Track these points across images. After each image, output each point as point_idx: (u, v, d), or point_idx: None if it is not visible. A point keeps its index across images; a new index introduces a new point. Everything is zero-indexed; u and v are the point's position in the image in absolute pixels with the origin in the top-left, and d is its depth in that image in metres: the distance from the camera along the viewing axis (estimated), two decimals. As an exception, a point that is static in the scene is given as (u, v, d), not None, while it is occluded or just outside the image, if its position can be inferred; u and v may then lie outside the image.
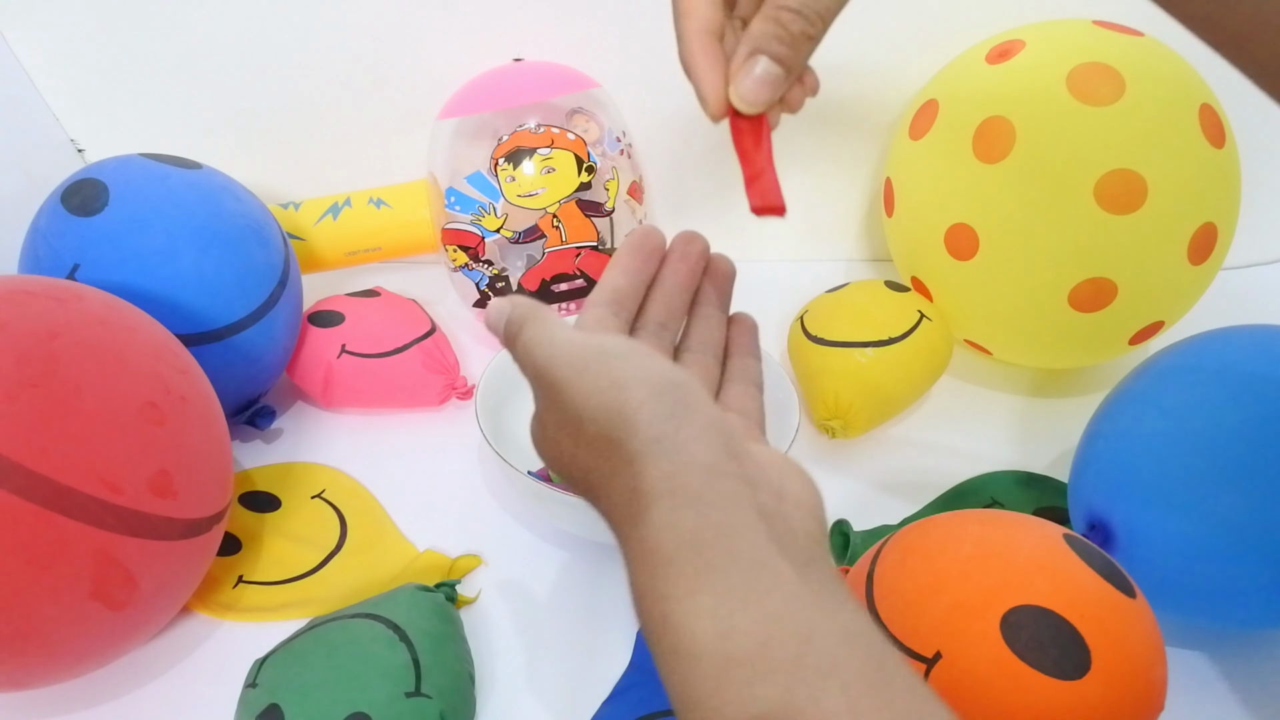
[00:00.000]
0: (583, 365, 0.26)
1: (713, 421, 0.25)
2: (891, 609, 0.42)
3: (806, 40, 0.31)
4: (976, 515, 0.45)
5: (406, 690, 0.44)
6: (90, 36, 0.76)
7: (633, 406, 0.24)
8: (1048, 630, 0.38)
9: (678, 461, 0.24)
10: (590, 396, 0.25)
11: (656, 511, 0.23)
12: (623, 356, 0.26)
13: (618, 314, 0.32)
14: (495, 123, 0.71)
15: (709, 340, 0.34)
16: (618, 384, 0.25)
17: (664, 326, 0.33)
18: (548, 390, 0.27)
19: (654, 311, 0.34)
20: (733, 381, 0.34)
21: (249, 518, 0.61)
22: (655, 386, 0.25)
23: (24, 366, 0.41)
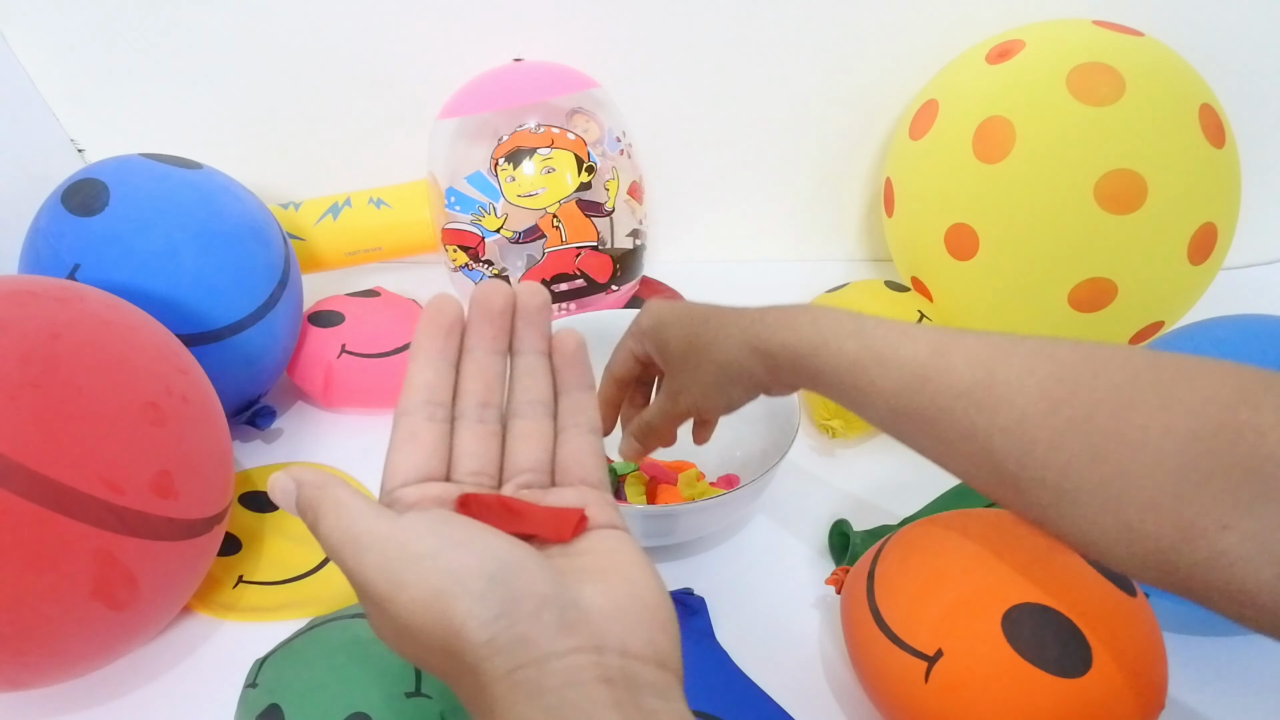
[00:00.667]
0: (397, 577, 0.25)
1: (541, 602, 0.24)
2: (893, 607, 0.42)
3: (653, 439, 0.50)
4: (978, 514, 0.45)
5: (406, 690, 0.44)
6: (90, 36, 0.76)
7: (460, 618, 0.24)
8: (1049, 628, 0.38)
9: (514, 659, 0.23)
10: (415, 613, 0.24)
11: (500, 708, 0.23)
12: (433, 556, 0.25)
13: (432, 415, 0.31)
14: (495, 123, 0.71)
15: (536, 395, 0.32)
16: (437, 593, 0.24)
17: (485, 405, 0.31)
18: (366, 600, 0.26)
19: (470, 389, 0.31)
20: (565, 432, 0.32)
21: (249, 518, 0.61)
22: (475, 587, 0.24)
23: (25, 367, 0.41)
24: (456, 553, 0.25)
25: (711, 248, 0.92)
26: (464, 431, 0.31)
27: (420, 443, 0.30)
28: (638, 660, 0.25)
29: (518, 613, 0.24)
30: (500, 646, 0.24)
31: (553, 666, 0.23)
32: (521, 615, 0.24)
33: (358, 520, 0.26)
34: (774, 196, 0.89)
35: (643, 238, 0.78)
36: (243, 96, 0.81)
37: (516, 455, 0.31)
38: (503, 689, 0.23)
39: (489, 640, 0.24)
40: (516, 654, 0.23)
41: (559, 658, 0.24)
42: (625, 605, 0.26)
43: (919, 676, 0.39)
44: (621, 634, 0.25)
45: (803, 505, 0.62)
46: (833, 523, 0.59)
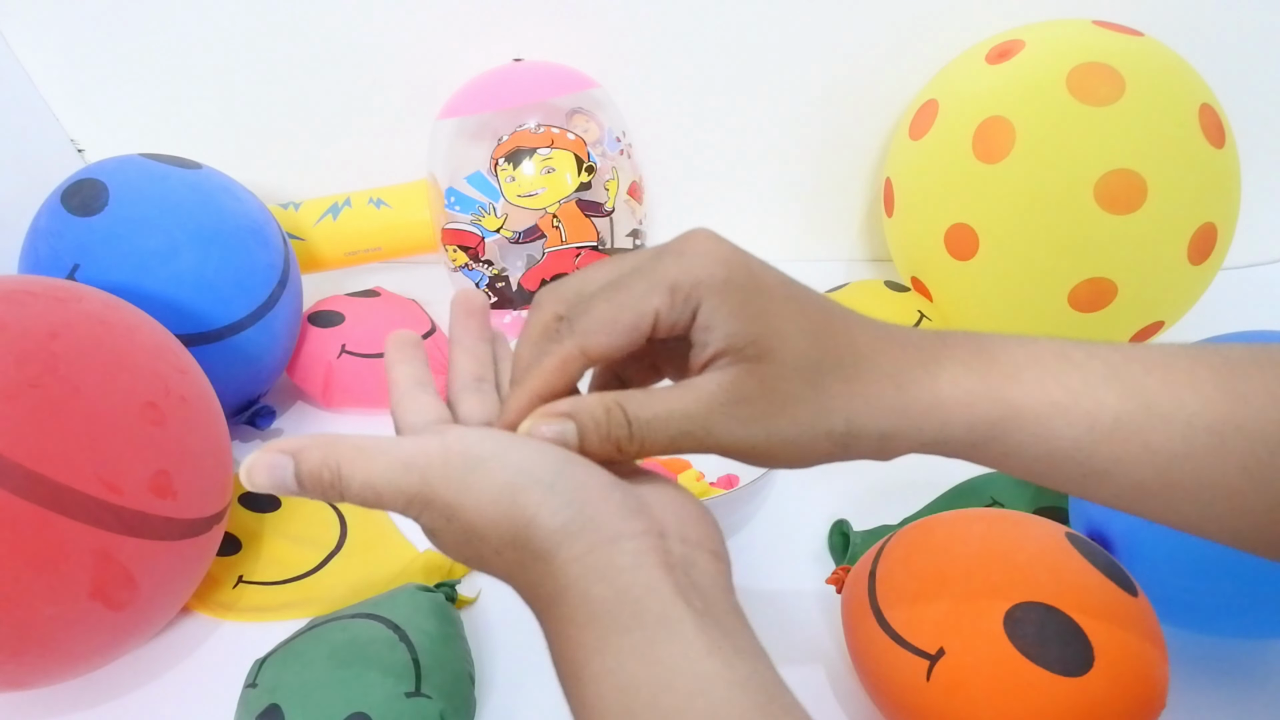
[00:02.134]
0: (461, 481, 0.25)
1: (607, 488, 0.25)
2: (894, 606, 0.42)
3: (616, 450, 0.28)
4: (979, 514, 0.45)
5: (406, 690, 0.44)
6: (90, 36, 0.76)
7: (532, 508, 0.24)
8: (1051, 627, 0.38)
9: (585, 541, 0.24)
10: (483, 512, 0.25)
11: (573, 590, 0.24)
12: (497, 456, 0.25)
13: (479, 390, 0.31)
14: (495, 123, 0.71)
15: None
16: (506, 488, 0.25)
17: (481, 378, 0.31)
18: (428, 511, 0.26)
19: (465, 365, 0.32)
20: None
21: (249, 518, 0.61)
22: (544, 478, 0.25)
23: (24, 366, 0.41)
24: (519, 451, 0.26)
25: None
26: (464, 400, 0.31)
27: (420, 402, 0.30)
28: (696, 547, 0.26)
29: (586, 498, 0.25)
30: (573, 531, 0.24)
31: (623, 547, 0.24)
32: (590, 500, 0.25)
33: (388, 450, 0.25)
34: (774, 196, 0.89)
35: (643, 238, 0.78)
36: (243, 96, 0.81)
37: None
38: (576, 571, 0.24)
39: (562, 525, 0.24)
40: (588, 536, 0.24)
41: (629, 539, 0.24)
42: (678, 501, 0.27)
43: (920, 675, 0.39)
44: (679, 524, 0.26)
45: (803, 505, 0.62)
46: (833, 523, 0.59)
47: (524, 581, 0.26)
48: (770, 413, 0.27)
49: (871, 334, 0.29)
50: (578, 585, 0.24)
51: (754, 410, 0.27)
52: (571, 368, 0.28)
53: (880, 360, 0.28)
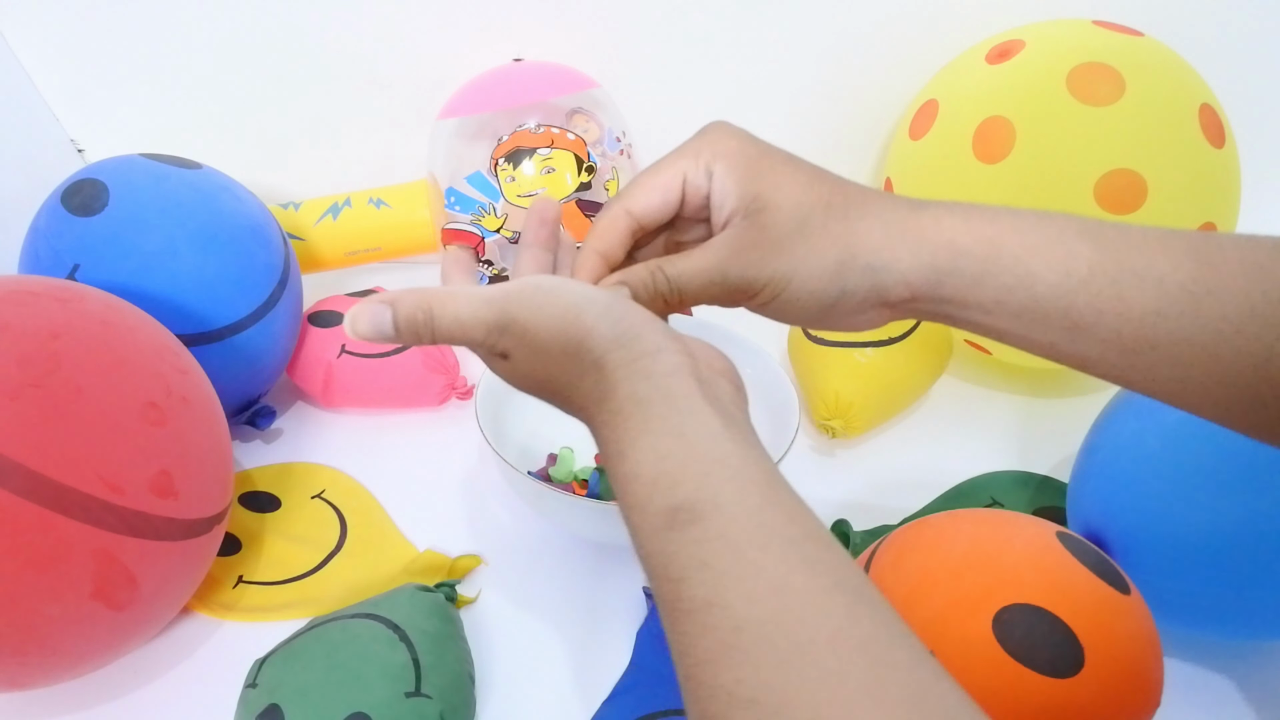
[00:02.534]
0: (536, 304, 0.31)
1: (650, 318, 0.31)
2: None
3: (662, 303, 0.35)
4: (970, 515, 0.45)
5: (406, 690, 0.44)
6: (90, 36, 0.76)
7: (589, 322, 0.30)
8: (1040, 628, 0.37)
9: (632, 350, 0.30)
10: (550, 328, 0.30)
11: (621, 388, 0.30)
12: (564, 286, 0.31)
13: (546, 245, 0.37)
14: (495, 123, 0.71)
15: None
16: (569, 307, 0.30)
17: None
18: (506, 335, 0.31)
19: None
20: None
21: (249, 518, 0.61)
22: (599, 304, 0.31)
23: (26, 367, 0.41)
24: (579, 285, 0.32)
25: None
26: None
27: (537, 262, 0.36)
28: (720, 375, 0.32)
29: (633, 319, 0.31)
30: (623, 341, 0.30)
31: (661, 358, 0.30)
32: (636, 321, 0.31)
33: (479, 291, 0.31)
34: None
35: (643, 238, 0.78)
36: (243, 96, 0.81)
37: None
38: (624, 373, 0.29)
39: (614, 336, 0.30)
40: (634, 346, 0.30)
41: (667, 352, 0.30)
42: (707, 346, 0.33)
43: None
44: (707, 357, 0.32)
45: (803, 505, 0.62)
46: (832, 523, 0.59)
47: (579, 389, 0.31)
48: (771, 254, 0.33)
49: (860, 188, 0.34)
50: (625, 383, 0.29)
51: (757, 254, 0.33)
52: (619, 224, 0.35)
53: (868, 205, 0.33)
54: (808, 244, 0.32)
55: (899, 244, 0.32)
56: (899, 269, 0.32)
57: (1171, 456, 0.48)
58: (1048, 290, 0.31)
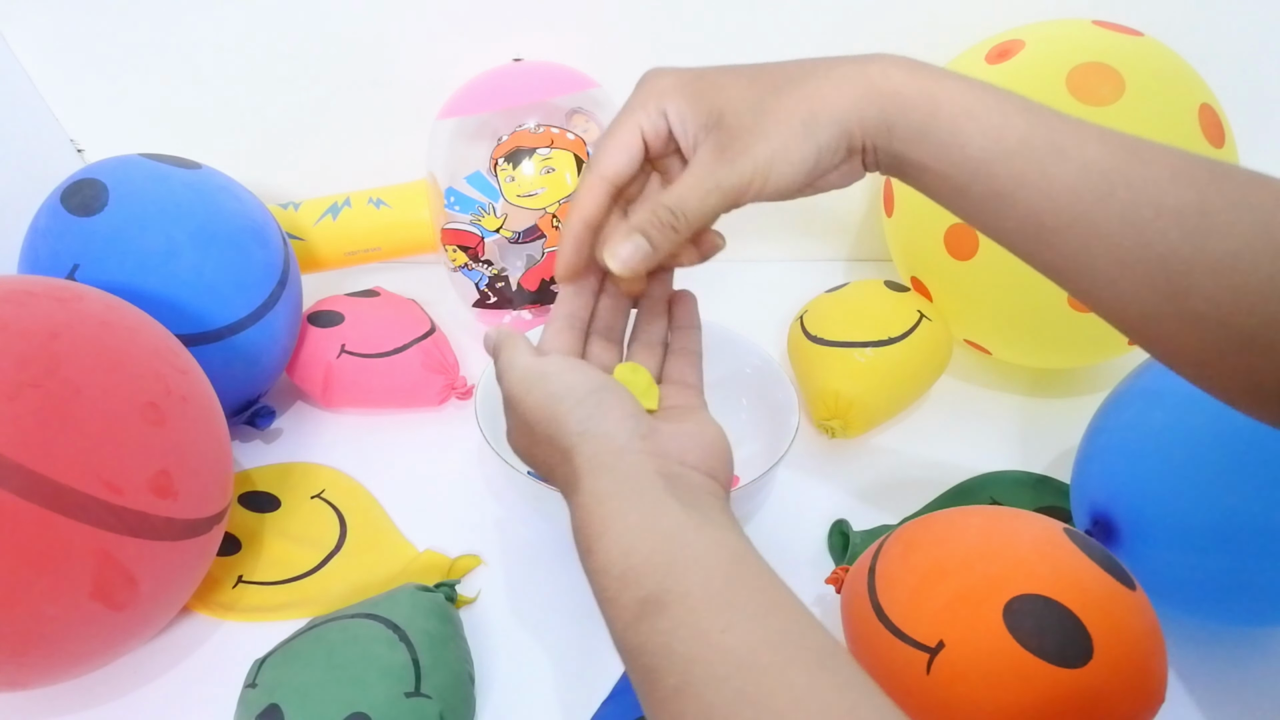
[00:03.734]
0: (528, 385, 0.35)
1: (625, 415, 0.33)
2: (894, 600, 0.42)
3: (673, 233, 0.36)
4: (978, 510, 0.45)
5: (406, 690, 0.44)
6: (90, 36, 0.76)
7: (564, 412, 0.33)
8: (1050, 618, 0.38)
9: (597, 446, 0.32)
10: (535, 409, 0.34)
11: (585, 481, 0.32)
12: (556, 375, 0.35)
13: (573, 326, 0.40)
14: (495, 123, 0.71)
15: (653, 334, 0.42)
16: (553, 397, 0.34)
17: (611, 329, 0.41)
18: (509, 404, 0.36)
19: (602, 320, 0.41)
20: (674, 354, 0.41)
21: (249, 518, 0.61)
22: (579, 395, 0.34)
23: (25, 367, 0.41)
24: (571, 375, 0.35)
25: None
26: (593, 343, 0.41)
27: (563, 338, 0.39)
28: (692, 469, 0.33)
29: (605, 417, 0.33)
30: (590, 436, 0.32)
31: (626, 456, 0.32)
32: (608, 419, 0.33)
33: (520, 355, 0.36)
34: (774, 196, 0.89)
35: (643, 238, 0.78)
36: (243, 96, 0.81)
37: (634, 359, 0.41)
38: (588, 467, 0.32)
39: (582, 432, 0.33)
40: (600, 443, 0.32)
41: (631, 451, 0.32)
42: (690, 436, 0.35)
43: (920, 668, 0.39)
44: (681, 452, 0.34)
45: (803, 505, 0.62)
46: (832, 523, 0.59)
47: (557, 472, 0.34)
48: (746, 145, 0.34)
49: (802, 62, 0.35)
50: (589, 477, 0.32)
51: (733, 151, 0.34)
52: (597, 191, 0.37)
53: (815, 71, 0.34)
54: (773, 122, 0.34)
55: (850, 94, 0.33)
56: (856, 116, 0.33)
57: (1176, 440, 0.48)
58: (976, 153, 0.32)
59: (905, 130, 0.33)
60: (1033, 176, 0.32)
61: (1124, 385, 0.54)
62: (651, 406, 0.38)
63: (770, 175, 0.34)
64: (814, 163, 0.34)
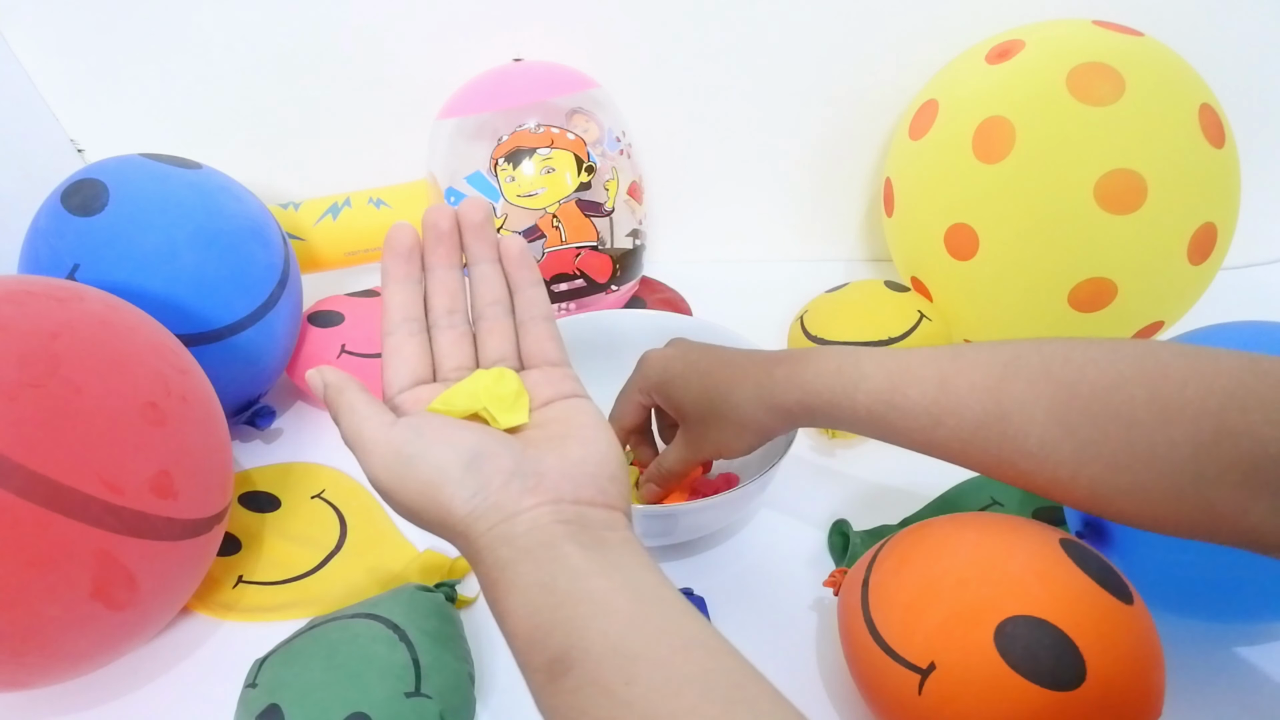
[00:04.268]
0: (398, 475, 0.32)
1: (508, 476, 0.32)
2: (886, 619, 0.41)
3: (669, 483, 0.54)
4: (973, 520, 0.45)
5: (406, 690, 0.44)
6: (90, 36, 0.76)
7: (445, 499, 0.31)
8: (1042, 641, 0.37)
9: (489, 519, 0.31)
10: (413, 499, 0.32)
11: (485, 555, 0.31)
12: (421, 455, 0.32)
13: (410, 330, 0.37)
14: (495, 123, 0.71)
15: (493, 296, 0.38)
16: (428, 485, 0.31)
17: (452, 312, 0.38)
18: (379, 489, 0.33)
19: (437, 302, 0.38)
20: (526, 327, 0.38)
21: (249, 518, 0.61)
22: (456, 475, 0.31)
23: (25, 367, 0.41)
24: (438, 450, 0.32)
25: (711, 248, 0.92)
26: (439, 337, 0.38)
27: (405, 355, 0.37)
28: (589, 505, 0.32)
29: (489, 488, 0.31)
30: (480, 514, 0.31)
31: (520, 519, 0.31)
32: (492, 490, 0.31)
33: (363, 424, 0.33)
34: (774, 196, 0.89)
35: (642, 238, 0.78)
36: (243, 96, 0.81)
37: (487, 349, 0.38)
38: (485, 541, 0.31)
39: (470, 511, 0.31)
40: (491, 516, 0.31)
41: (523, 513, 0.31)
42: (579, 464, 0.33)
43: (912, 689, 0.39)
44: (574, 488, 0.32)
45: (803, 505, 0.62)
46: (833, 523, 0.59)
47: (456, 543, 0.33)
48: (701, 443, 0.50)
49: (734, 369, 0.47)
50: (488, 550, 0.31)
51: (695, 445, 0.50)
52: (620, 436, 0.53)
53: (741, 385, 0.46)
54: (715, 430, 0.48)
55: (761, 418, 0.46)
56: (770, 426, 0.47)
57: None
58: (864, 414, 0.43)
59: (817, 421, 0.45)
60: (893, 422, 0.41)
61: None
62: (523, 420, 0.35)
63: (723, 455, 0.49)
64: (752, 446, 0.48)
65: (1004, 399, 0.37)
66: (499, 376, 0.36)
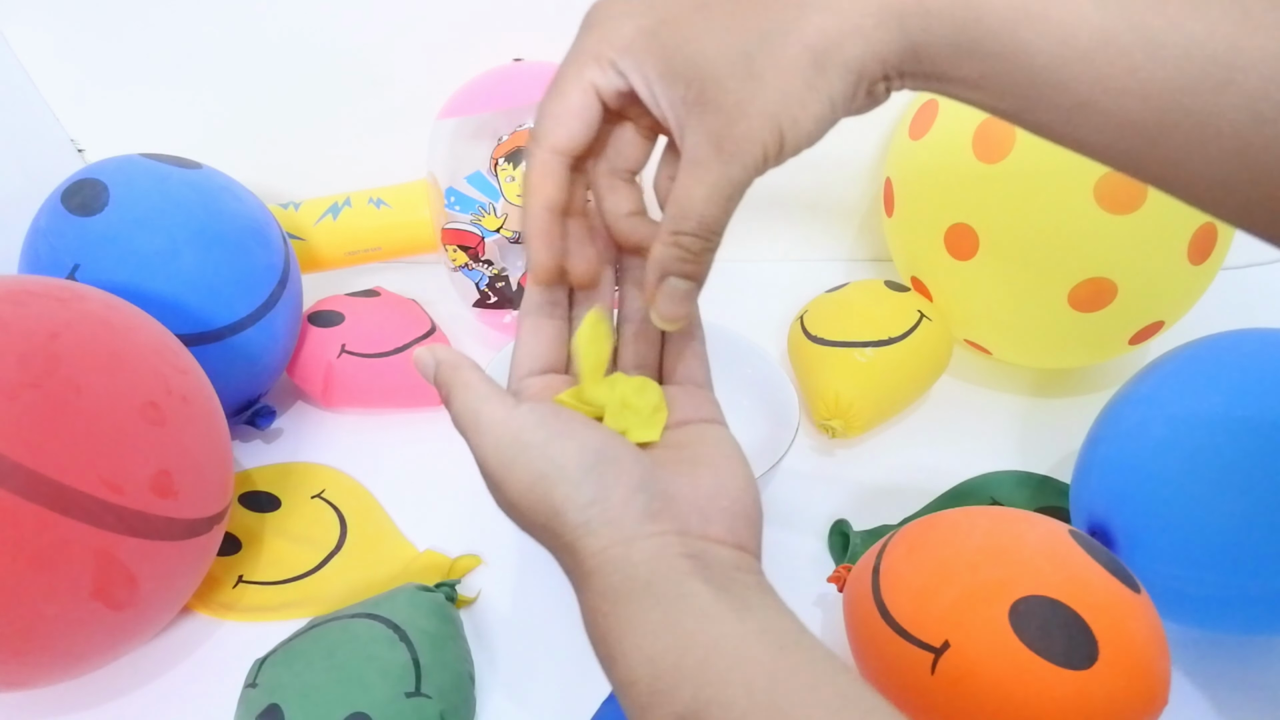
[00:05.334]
0: (508, 461, 0.28)
1: (631, 490, 0.28)
2: (898, 600, 0.42)
3: (708, 253, 0.31)
4: (983, 510, 0.45)
5: (406, 690, 0.44)
6: (90, 36, 0.76)
7: (559, 500, 0.27)
8: (1056, 620, 0.38)
9: (604, 539, 0.27)
10: (522, 494, 0.28)
11: (594, 579, 0.27)
12: (540, 445, 0.28)
13: (551, 313, 0.33)
14: (495, 123, 0.71)
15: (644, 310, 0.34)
16: (542, 478, 0.28)
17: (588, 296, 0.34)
18: (487, 476, 0.30)
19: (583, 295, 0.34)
20: (672, 340, 0.35)
21: (249, 518, 0.61)
22: (574, 475, 0.27)
23: (25, 366, 0.41)
24: (560, 444, 0.28)
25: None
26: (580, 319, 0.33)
27: (541, 337, 0.33)
28: (717, 543, 0.28)
29: (609, 500, 0.27)
30: (593, 528, 0.27)
31: (639, 545, 0.27)
32: (613, 503, 0.27)
33: (481, 403, 0.29)
34: (774, 196, 0.89)
35: (643, 238, 0.78)
36: (243, 96, 0.81)
37: (626, 354, 0.35)
38: (596, 563, 0.27)
39: (584, 522, 0.27)
40: (606, 534, 0.27)
41: (644, 539, 0.27)
42: (711, 496, 0.29)
43: (925, 668, 0.39)
44: (703, 522, 0.28)
45: (803, 505, 0.62)
46: (833, 523, 0.59)
47: (559, 558, 0.29)
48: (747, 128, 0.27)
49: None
50: (598, 575, 0.27)
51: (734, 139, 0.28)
52: (551, 168, 0.31)
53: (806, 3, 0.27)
54: (771, 85, 0.27)
55: (860, 25, 0.26)
56: (872, 52, 0.27)
57: (1176, 447, 0.48)
58: (1045, 62, 0.26)
59: (941, 51, 0.27)
60: (1121, 79, 0.25)
61: (1123, 393, 0.54)
62: (654, 438, 0.32)
63: (784, 148, 0.29)
64: (829, 119, 0.29)
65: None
66: (641, 386, 0.32)
